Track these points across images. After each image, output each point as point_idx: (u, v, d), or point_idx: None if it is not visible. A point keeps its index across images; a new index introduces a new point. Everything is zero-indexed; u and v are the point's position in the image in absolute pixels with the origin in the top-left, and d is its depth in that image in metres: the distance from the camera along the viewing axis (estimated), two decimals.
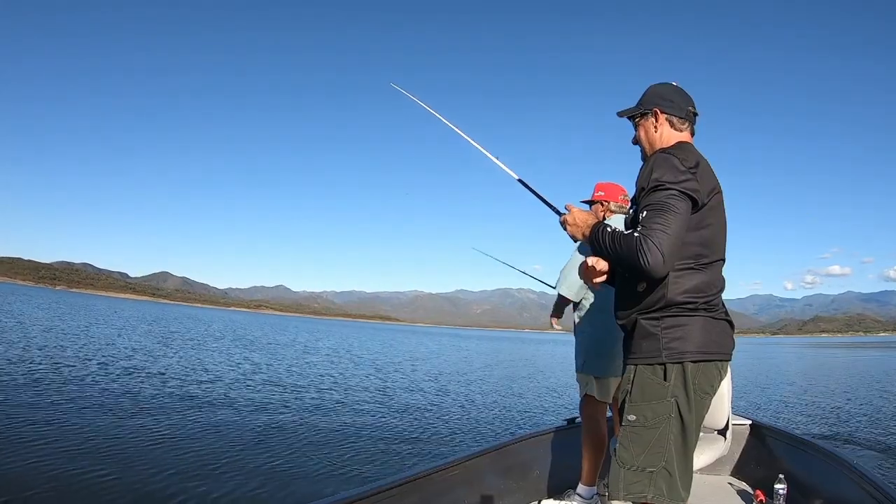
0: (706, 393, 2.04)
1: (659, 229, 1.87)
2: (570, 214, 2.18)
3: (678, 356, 1.99)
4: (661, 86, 2.29)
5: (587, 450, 3.64)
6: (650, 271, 1.86)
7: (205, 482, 5.81)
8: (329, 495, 2.88)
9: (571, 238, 2.20)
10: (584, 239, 2.12)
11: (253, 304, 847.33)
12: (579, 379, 3.84)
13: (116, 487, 5.44)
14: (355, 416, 10.11)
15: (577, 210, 2.18)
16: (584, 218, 2.13)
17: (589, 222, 2.11)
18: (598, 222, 2.09)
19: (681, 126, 2.23)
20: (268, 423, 8.92)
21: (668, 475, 1.97)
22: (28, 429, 7.10)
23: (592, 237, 2.06)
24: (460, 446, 8.35)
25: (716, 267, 2.09)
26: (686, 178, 1.97)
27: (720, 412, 4.14)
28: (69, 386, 10.39)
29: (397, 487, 3.01)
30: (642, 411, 2.02)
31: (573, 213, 2.17)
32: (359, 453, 7.51)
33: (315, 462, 6.93)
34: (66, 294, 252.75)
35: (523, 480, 3.95)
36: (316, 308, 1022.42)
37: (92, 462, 6.08)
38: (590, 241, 2.08)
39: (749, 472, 4.32)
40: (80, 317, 38.84)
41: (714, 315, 2.06)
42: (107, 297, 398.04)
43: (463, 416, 11.14)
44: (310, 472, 6.51)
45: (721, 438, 4.17)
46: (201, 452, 6.89)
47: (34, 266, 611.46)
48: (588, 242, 2.11)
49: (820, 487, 3.62)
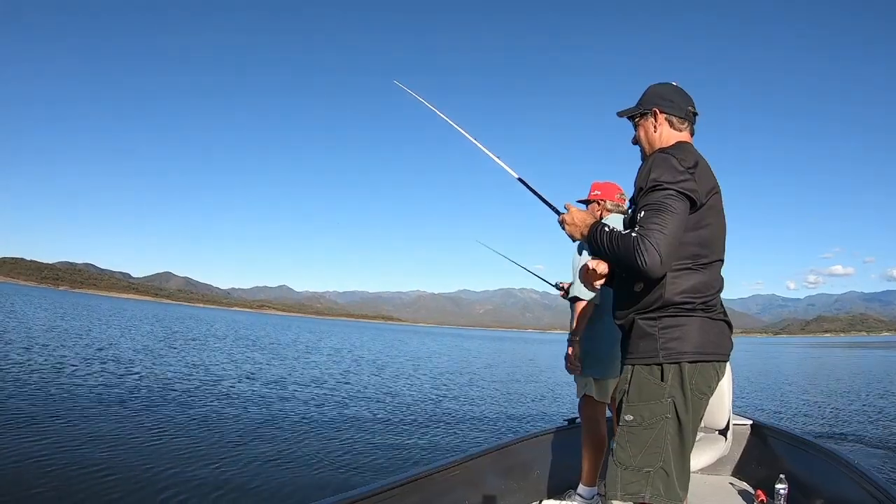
0: (703, 393, 2.03)
1: (656, 229, 1.87)
2: (568, 214, 2.17)
3: (675, 356, 1.99)
4: (661, 86, 2.28)
5: (587, 450, 3.63)
6: (647, 272, 1.86)
7: (204, 481, 5.82)
8: (329, 495, 2.88)
9: (570, 237, 2.19)
10: (583, 238, 2.11)
11: (255, 304, 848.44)
12: (578, 380, 3.83)
13: (118, 486, 5.45)
14: (355, 417, 10.13)
15: (575, 210, 2.17)
16: (583, 217, 2.13)
17: (587, 222, 2.10)
18: (597, 222, 2.09)
19: (680, 126, 2.22)
20: (268, 422, 8.94)
21: (665, 475, 1.96)
22: (31, 427, 7.13)
23: (590, 237, 2.06)
24: (461, 445, 8.37)
25: (714, 267, 2.08)
26: (684, 178, 1.96)
27: (721, 412, 4.14)
28: (73, 383, 10.43)
29: (398, 487, 3.01)
30: (639, 411, 2.01)
31: (572, 213, 2.16)
32: (359, 453, 7.52)
33: (315, 462, 6.94)
34: (69, 294, 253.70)
35: (524, 480, 3.95)
36: (319, 308, 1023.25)
37: (94, 458, 6.11)
38: (588, 240, 2.08)
39: (750, 472, 4.32)
40: (82, 317, 38.97)
41: (711, 315, 2.05)
42: (109, 297, 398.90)
43: (463, 416, 11.15)
44: (309, 472, 6.51)
45: (722, 438, 4.18)
46: (200, 452, 6.90)
47: (37, 266, 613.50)
48: (586, 242, 2.11)
49: (821, 487, 3.62)
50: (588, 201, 3.89)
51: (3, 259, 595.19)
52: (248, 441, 7.59)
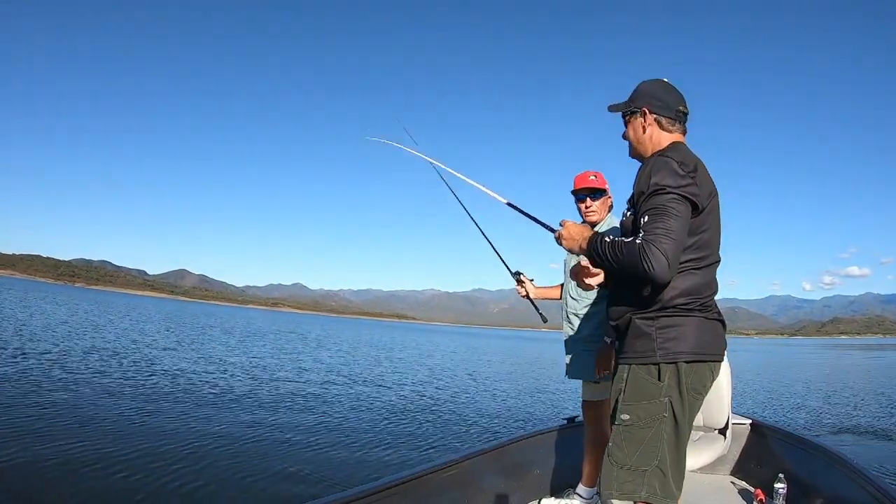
0: (699, 393, 2.04)
1: (662, 234, 1.84)
2: (564, 229, 2.17)
3: (672, 356, 1.99)
4: (651, 83, 2.26)
5: (589, 450, 3.60)
6: (655, 278, 1.84)
7: (202, 480, 5.81)
8: (328, 494, 2.88)
9: (568, 252, 2.22)
10: (582, 252, 2.11)
11: (270, 301, 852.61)
12: (587, 385, 3.79)
13: (121, 485, 5.49)
14: (356, 416, 10.12)
15: (571, 224, 2.18)
16: (579, 231, 2.13)
17: (584, 235, 2.10)
18: (594, 234, 2.09)
19: (670, 127, 2.20)
20: (266, 423, 8.90)
21: (661, 474, 1.96)
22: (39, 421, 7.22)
23: (590, 249, 2.05)
24: (460, 444, 8.37)
25: (712, 269, 2.09)
26: (687, 182, 1.95)
27: (720, 411, 4.14)
28: (92, 377, 10.56)
29: (398, 486, 3.02)
30: (636, 411, 2.02)
31: (567, 228, 2.17)
32: (360, 453, 7.50)
33: (315, 461, 6.91)
34: (85, 291, 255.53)
35: (523, 480, 3.94)
36: (333, 306, 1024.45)
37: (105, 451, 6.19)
38: (587, 253, 2.08)
39: (749, 472, 4.30)
40: (99, 313, 39.35)
41: (707, 316, 2.06)
42: (125, 293, 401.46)
43: (463, 414, 11.15)
44: (309, 472, 6.47)
45: (721, 438, 4.17)
46: (197, 446, 6.95)
47: (53, 263, 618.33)
48: (585, 255, 2.10)
49: (820, 487, 3.61)
50: (593, 190, 3.59)
51: (21, 256, 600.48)
52: (245, 442, 7.52)
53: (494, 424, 10.28)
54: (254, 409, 9.84)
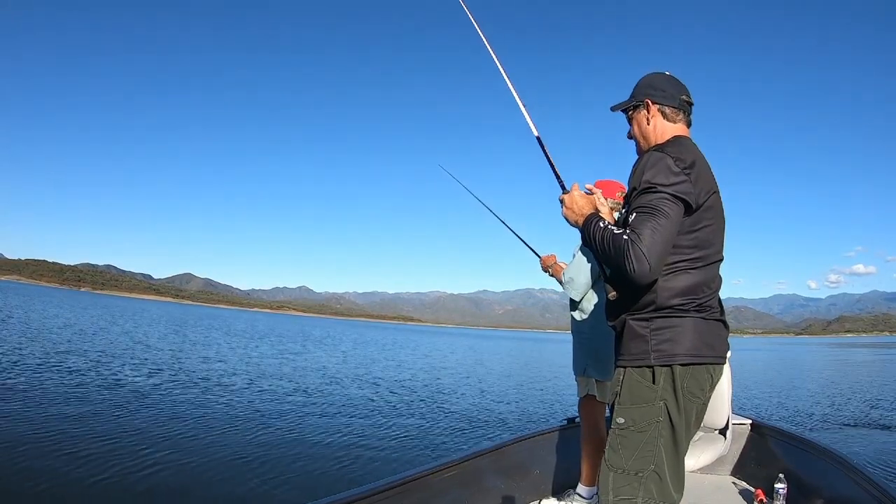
0: (696, 396, 1.97)
1: (648, 235, 1.80)
2: (569, 195, 2.12)
3: (667, 359, 1.93)
4: (653, 75, 2.22)
5: (587, 450, 3.62)
6: (635, 279, 1.81)
7: (202, 480, 5.88)
8: (329, 495, 2.89)
9: (565, 219, 2.13)
10: (576, 226, 2.07)
11: (275, 304, 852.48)
12: (579, 381, 3.82)
13: (121, 484, 5.55)
14: (357, 417, 10.16)
15: (578, 193, 2.12)
16: (582, 205, 2.08)
17: (584, 211, 2.06)
18: (594, 213, 2.04)
19: (674, 117, 2.14)
20: (267, 423, 8.97)
21: (658, 478, 1.92)
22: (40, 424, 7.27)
23: (584, 227, 2.01)
24: (461, 444, 8.39)
25: (712, 268, 2.02)
26: (679, 180, 1.89)
27: (720, 412, 4.13)
28: (100, 378, 10.62)
29: (398, 487, 3.02)
30: (631, 414, 1.96)
31: (573, 196, 2.11)
32: (360, 453, 7.53)
33: (316, 462, 6.96)
34: (91, 295, 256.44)
35: (523, 480, 3.93)
36: (338, 309, 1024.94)
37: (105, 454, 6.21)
38: (581, 229, 2.04)
39: (749, 472, 4.28)
40: (105, 317, 39.59)
41: (705, 316, 1.99)
42: (130, 298, 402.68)
43: (463, 414, 11.19)
44: (308, 472, 6.53)
45: (721, 438, 4.17)
46: (198, 446, 7.03)
47: (58, 268, 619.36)
48: (580, 230, 2.06)
49: (820, 487, 3.59)
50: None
51: (26, 261, 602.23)
52: (244, 440, 7.62)
53: (495, 425, 10.30)
54: (254, 409, 9.90)
